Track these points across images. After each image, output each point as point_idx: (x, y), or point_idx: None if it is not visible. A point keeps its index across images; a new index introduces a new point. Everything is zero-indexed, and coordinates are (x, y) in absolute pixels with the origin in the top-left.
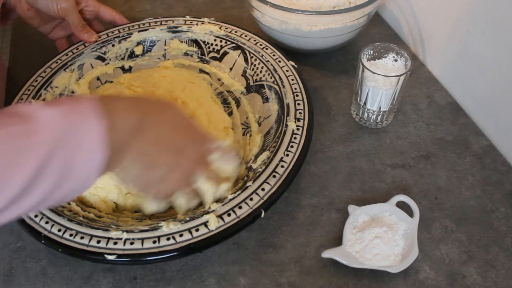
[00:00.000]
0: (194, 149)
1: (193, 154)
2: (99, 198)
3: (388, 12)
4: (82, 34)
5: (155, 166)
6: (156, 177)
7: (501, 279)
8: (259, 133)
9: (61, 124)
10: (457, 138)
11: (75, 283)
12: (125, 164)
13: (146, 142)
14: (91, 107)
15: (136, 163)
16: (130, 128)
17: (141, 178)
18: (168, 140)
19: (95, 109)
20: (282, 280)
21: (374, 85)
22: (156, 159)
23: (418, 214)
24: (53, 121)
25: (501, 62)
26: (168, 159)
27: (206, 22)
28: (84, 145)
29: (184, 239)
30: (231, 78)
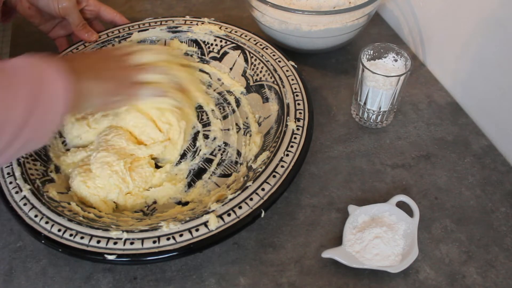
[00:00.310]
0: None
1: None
2: (99, 198)
3: (388, 12)
4: (82, 33)
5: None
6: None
7: (501, 279)
8: (259, 133)
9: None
10: (457, 138)
11: (75, 283)
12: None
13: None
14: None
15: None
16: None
17: (106, 86)
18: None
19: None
20: (282, 280)
21: (374, 85)
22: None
23: (418, 214)
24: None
25: (501, 62)
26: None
27: (206, 22)
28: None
29: (184, 239)
30: (231, 78)
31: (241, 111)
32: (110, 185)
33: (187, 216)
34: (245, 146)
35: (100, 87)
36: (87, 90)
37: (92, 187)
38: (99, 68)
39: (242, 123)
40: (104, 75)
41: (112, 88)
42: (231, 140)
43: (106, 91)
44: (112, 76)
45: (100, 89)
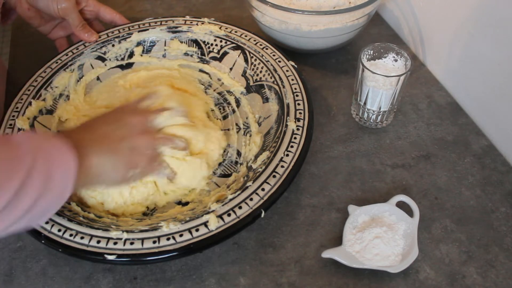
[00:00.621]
0: (141, 119)
1: (140, 124)
2: (96, 200)
3: (388, 12)
4: (82, 34)
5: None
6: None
7: (501, 279)
8: (259, 133)
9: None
10: (457, 138)
11: (75, 283)
12: (95, 162)
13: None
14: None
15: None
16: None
17: (118, 167)
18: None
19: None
20: (282, 280)
21: (374, 85)
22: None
23: (418, 214)
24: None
25: (501, 62)
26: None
27: (206, 22)
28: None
29: (184, 239)
30: (231, 78)
31: (241, 111)
32: (108, 194)
33: (187, 216)
34: (245, 146)
35: (114, 160)
36: (98, 166)
37: (90, 189)
38: (110, 139)
39: (242, 123)
40: (117, 147)
41: (128, 161)
42: (231, 140)
43: (121, 165)
44: (127, 147)
45: (114, 163)
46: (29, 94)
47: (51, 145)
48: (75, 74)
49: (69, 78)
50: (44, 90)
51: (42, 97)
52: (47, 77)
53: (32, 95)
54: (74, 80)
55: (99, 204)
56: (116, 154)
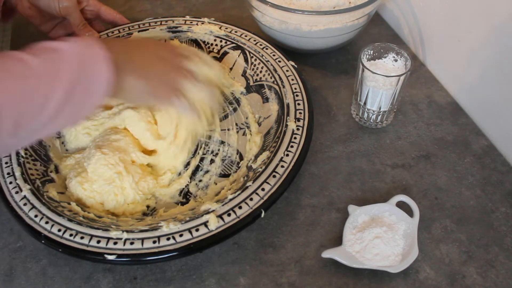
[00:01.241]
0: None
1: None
2: (95, 200)
3: (388, 12)
4: (83, 33)
5: (151, 72)
6: (156, 80)
7: (501, 279)
8: (259, 133)
9: (79, 54)
10: (457, 138)
11: (75, 283)
12: (128, 83)
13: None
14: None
15: (135, 75)
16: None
17: (147, 86)
18: (152, 53)
19: (100, 45)
20: (282, 280)
21: (374, 85)
22: (148, 65)
23: (418, 214)
24: (73, 51)
25: (501, 62)
26: (158, 64)
27: (206, 22)
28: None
29: (184, 239)
30: (231, 78)
31: (241, 111)
32: (108, 193)
33: (187, 216)
34: (245, 146)
35: (143, 87)
36: (129, 87)
37: (89, 190)
38: (147, 65)
39: (242, 123)
40: (150, 75)
41: (154, 91)
42: (231, 140)
43: (147, 92)
44: (158, 77)
45: (141, 89)
46: None
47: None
48: None
49: None
50: None
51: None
52: None
53: None
54: None
55: (99, 204)
56: (146, 79)
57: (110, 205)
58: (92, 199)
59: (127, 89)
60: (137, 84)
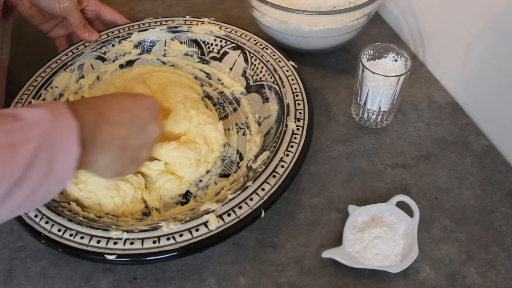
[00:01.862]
0: (154, 122)
1: (155, 128)
2: (92, 201)
3: (388, 12)
4: (83, 33)
5: (126, 147)
6: (128, 159)
7: (501, 279)
8: (259, 133)
9: (46, 123)
10: (457, 138)
11: (75, 283)
12: (97, 155)
13: (111, 127)
14: (65, 110)
15: (108, 151)
16: (94, 121)
17: (115, 165)
18: (129, 120)
19: (68, 111)
20: (282, 280)
21: (374, 85)
22: (125, 140)
23: (418, 214)
24: (39, 120)
25: (501, 61)
26: (136, 138)
27: (206, 22)
28: (63, 142)
29: (184, 239)
30: (231, 78)
31: (241, 111)
32: (104, 196)
33: (187, 216)
34: (245, 146)
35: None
36: (98, 163)
37: (85, 190)
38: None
39: (242, 123)
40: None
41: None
42: (231, 140)
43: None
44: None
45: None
46: (29, 94)
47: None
48: (75, 74)
49: (69, 78)
50: (44, 90)
51: (42, 97)
52: (47, 77)
53: (32, 95)
54: (74, 80)
55: (97, 205)
56: (118, 160)
57: (109, 207)
58: (89, 200)
59: (95, 166)
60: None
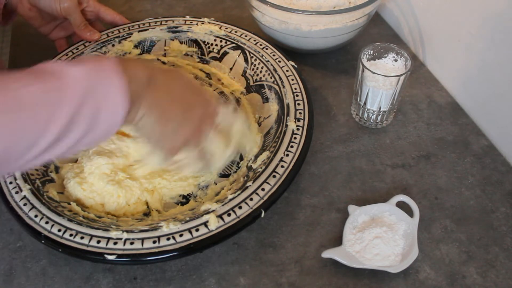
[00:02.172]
0: (202, 107)
1: (201, 111)
2: (94, 201)
3: (388, 12)
4: (84, 33)
5: (167, 118)
6: (169, 130)
7: (501, 279)
8: (259, 133)
9: (88, 81)
10: (457, 138)
11: (75, 283)
12: (141, 116)
13: (158, 95)
14: (111, 65)
15: (150, 114)
16: (143, 82)
17: (156, 130)
18: (177, 96)
19: (115, 67)
20: (282, 280)
21: (374, 85)
22: (167, 111)
23: (418, 214)
24: (80, 77)
25: (501, 62)
26: (178, 112)
27: (206, 22)
28: (108, 97)
29: (184, 239)
30: (231, 78)
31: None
32: (109, 195)
33: (187, 216)
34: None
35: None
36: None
37: (88, 190)
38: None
39: None
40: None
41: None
42: None
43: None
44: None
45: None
46: None
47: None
48: None
49: None
50: None
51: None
52: None
53: None
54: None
55: (99, 205)
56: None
57: (111, 207)
58: (92, 200)
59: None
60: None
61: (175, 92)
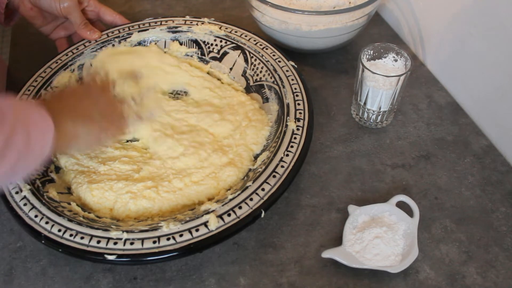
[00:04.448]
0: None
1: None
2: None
3: (388, 12)
4: (85, 32)
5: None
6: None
7: (501, 279)
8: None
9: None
10: (457, 138)
11: (75, 283)
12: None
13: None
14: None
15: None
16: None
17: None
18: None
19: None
20: (282, 280)
21: (374, 85)
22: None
23: (418, 214)
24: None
25: (501, 62)
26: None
27: (206, 22)
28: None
29: (184, 239)
30: (231, 78)
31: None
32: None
33: (187, 216)
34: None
35: (87, 125)
36: (73, 130)
37: (98, 197)
38: (81, 107)
39: None
40: (88, 117)
41: (97, 128)
42: None
43: (94, 129)
44: (96, 115)
45: (87, 128)
46: (29, 94)
47: (31, 111)
48: (75, 74)
49: (69, 78)
50: (44, 90)
51: (42, 97)
52: (47, 77)
53: (32, 95)
54: (74, 80)
55: (107, 209)
56: (88, 120)
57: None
58: (99, 204)
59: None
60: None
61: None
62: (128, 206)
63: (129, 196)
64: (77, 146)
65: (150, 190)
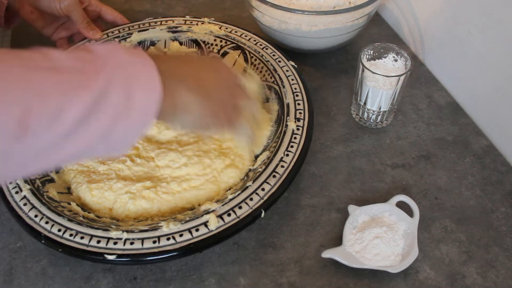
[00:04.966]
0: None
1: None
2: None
3: (388, 12)
4: (87, 31)
5: (206, 87)
6: (215, 103)
7: (501, 279)
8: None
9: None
10: (457, 138)
11: (75, 283)
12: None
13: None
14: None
15: (190, 90)
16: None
17: (205, 108)
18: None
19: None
20: (282, 280)
21: (374, 85)
22: (202, 81)
23: (418, 214)
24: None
25: (501, 62)
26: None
27: (206, 22)
28: (141, 77)
29: (184, 239)
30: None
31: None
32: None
33: (187, 216)
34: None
35: (199, 104)
36: (183, 104)
37: (98, 197)
38: (201, 80)
39: None
40: (206, 91)
41: (211, 109)
42: None
43: (204, 111)
44: (216, 94)
45: (197, 107)
46: None
47: (135, 61)
48: None
49: None
50: None
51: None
52: None
53: None
54: None
55: (106, 209)
56: (205, 97)
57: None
58: (99, 204)
59: (180, 108)
60: (193, 101)
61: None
62: (128, 206)
63: (128, 196)
64: (183, 121)
65: (149, 190)
